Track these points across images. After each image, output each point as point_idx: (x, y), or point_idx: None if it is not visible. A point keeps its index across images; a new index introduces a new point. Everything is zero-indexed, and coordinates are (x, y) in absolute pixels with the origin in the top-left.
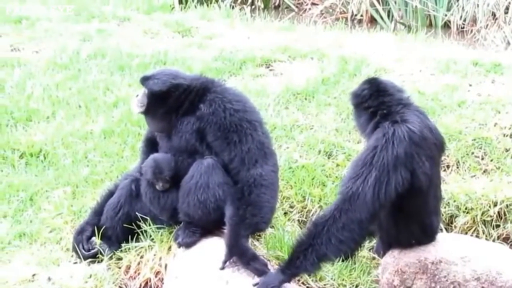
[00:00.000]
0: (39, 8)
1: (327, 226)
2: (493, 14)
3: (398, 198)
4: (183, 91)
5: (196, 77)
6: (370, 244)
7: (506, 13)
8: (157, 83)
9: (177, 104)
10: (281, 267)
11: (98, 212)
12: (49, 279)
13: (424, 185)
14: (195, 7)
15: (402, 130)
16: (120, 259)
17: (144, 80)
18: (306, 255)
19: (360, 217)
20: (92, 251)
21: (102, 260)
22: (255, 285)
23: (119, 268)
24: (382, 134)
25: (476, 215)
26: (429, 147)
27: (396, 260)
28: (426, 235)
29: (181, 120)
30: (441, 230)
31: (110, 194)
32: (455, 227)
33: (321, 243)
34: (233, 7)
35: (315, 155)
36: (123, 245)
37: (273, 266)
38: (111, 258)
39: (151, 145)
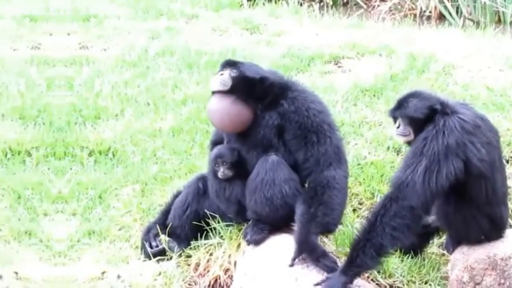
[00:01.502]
0: (107, 6)
1: (379, 217)
2: None
3: (464, 187)
4: (268, 85)
5: (274, 71)
6: (439, 240)
7: None
8: (250, 70)
9: (260, 96)
10: (342, 269)
11: (166, 211)
12: (119, 276)
13: (485, 171)
14: (263, 4)
15: (453, 121)
16: (189, 256)
17: (230, 63)
18: (365, 251)
19: (411, 204)
20: (158, 248)
21: (171, 258)
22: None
23: (188, 265)
24: (432, 126)
25: None
26: (483, 134)
27: (465, 257)
28: (495, 229)
29: (263, 115)
30: (510, 226)
31: (178, 194)
32: None
33: (376, 235)
34: (301, 4)
35: (384, 151)
36: (192, 242)
37: (342, 263)
38: (180, 255)
39: None
